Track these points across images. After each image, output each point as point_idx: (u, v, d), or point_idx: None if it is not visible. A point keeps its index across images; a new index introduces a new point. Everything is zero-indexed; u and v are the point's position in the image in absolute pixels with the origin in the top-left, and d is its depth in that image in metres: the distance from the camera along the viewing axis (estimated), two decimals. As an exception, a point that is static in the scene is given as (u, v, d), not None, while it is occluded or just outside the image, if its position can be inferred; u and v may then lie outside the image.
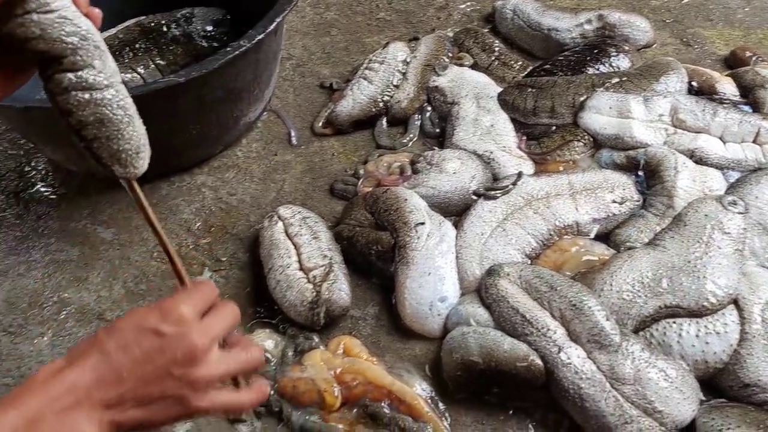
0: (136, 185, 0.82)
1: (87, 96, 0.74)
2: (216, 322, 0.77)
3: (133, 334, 0.72)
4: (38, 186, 1.63)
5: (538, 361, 1.09)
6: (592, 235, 1.31)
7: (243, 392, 0.83)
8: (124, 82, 1.56)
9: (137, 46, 1.69)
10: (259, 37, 1.32)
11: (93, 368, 0.69)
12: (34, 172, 1.66)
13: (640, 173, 1.38)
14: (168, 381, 0.72)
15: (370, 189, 1.45)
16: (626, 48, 1.67)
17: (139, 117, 0.80)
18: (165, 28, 1.71)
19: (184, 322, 0.73)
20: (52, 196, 1.60)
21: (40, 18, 0.70)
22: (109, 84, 0.76)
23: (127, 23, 1.73)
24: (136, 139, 0.79)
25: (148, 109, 0.81)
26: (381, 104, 1.65)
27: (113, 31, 1.74)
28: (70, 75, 0.73)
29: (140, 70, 1.67)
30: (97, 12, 0.77)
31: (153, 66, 1.70)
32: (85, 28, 0.74)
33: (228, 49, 1.30)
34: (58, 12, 0.71)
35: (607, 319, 1.10)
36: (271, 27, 1.34)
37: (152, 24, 1.71)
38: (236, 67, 1.38)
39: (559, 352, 1.08)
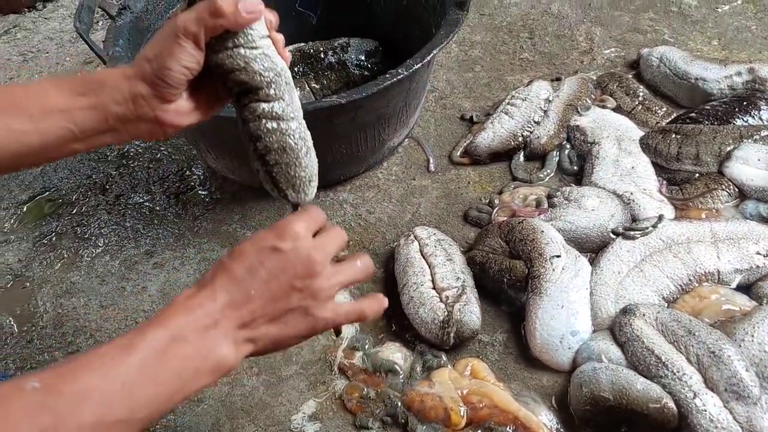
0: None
1: (275, 125, 0.83)
2: (327, 240, 0.84)
3: (255, 254, 0.79)
4: (197, 189, 1.76)
5: (672, 404, 1.08)
6: (734, 285, 1.29)
7: (364, 300, 0.89)
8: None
9: (295, 69, 1.82)
10: (416, 66, 1.39)
11: (224, 291, 0.76)
12: (194, 177, 1.80)
13: (788, 228, 1.35)
14: (293, 294, 0.79)
15: (505, 218, 1.48)
16: (777, 102, 1.63)
17: (314, 150, 0.89)
18: (322, 55, 1.82)
19: (299, 238, 0.80)
20: (207, 200, 1.72)
21: (247, 52, 0.80)
22: (294, 117, 0.85)
23: (288, 48, 1.86)
24: (311, 169, 0.89)
25: (309, 126, 0.88)
26: (520, 138, 1.69)
27: (275, 54, 1.88)
28: (264, 105, 0.82)
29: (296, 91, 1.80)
30: (288, 54, 0.87)
31: (308, 89, 1.82)
32: (280, 65, 0.83)
33: (387, 75, 1.38)
34: (261, 50, 0.81)
35: (747, 370, 1.08)
36: (428, 57, 1.41)
37: (311, 50, 1.83)
38: (390, 94, 1.46)
39: (694, 398, 1.07)
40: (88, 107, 0.80)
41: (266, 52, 0.82)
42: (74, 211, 1.75)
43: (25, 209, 1.79)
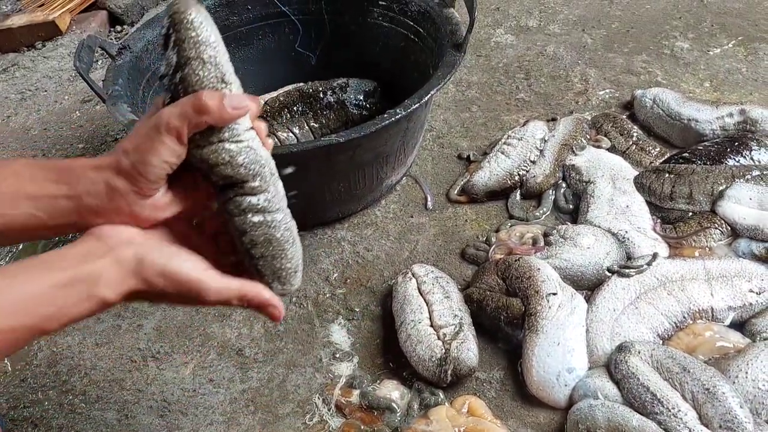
0: None
1: (260, 218, 0.80)
2: None
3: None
4: (196, 226, 1.77)
5: (668, 442, 1.08)
6: (727, 323, 1.29)
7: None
8: (281, 140, 1.69)
9: (295, 108, 1.85)
10: (414, 106, 1.42)
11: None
12: (192, 215, 1.81)
13: (780, 265, 1.36)
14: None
15: (502, 256, 1.50)
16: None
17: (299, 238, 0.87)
18: (321, 95, 1.85)
19: None
20: (206, 236, 1.73)
21: (231, 147, 0.77)
22: (279, 208, 0.82)
23: (288, 87, 1.90)
24: (296, 259, 0.86)
25: (308, 165, 0.88)
26: (516, 177, 1.71)
27: (275, 93, 1.91)
28: (250, 198, 0.79)
29: (295, 130, 1.82)
30: (271, 142, 0.84)
31: (307, 128, 1.84)
32: (265, 156, 0.80)
33: (385, 115, 1.41)
34: (246, 142, 0.78)
35: (742, 407, 1.08)
36: (426, 98, 1.44)
37: (311, 90, 1.87)
38: (388, 133, 1.49)
39: (689, 435, 1.07)
40: (61, 196, 0.77)
41: (251, 144, 0.79)
42: (73, 248, 1.75)
43: (20, 246, 1.79)
